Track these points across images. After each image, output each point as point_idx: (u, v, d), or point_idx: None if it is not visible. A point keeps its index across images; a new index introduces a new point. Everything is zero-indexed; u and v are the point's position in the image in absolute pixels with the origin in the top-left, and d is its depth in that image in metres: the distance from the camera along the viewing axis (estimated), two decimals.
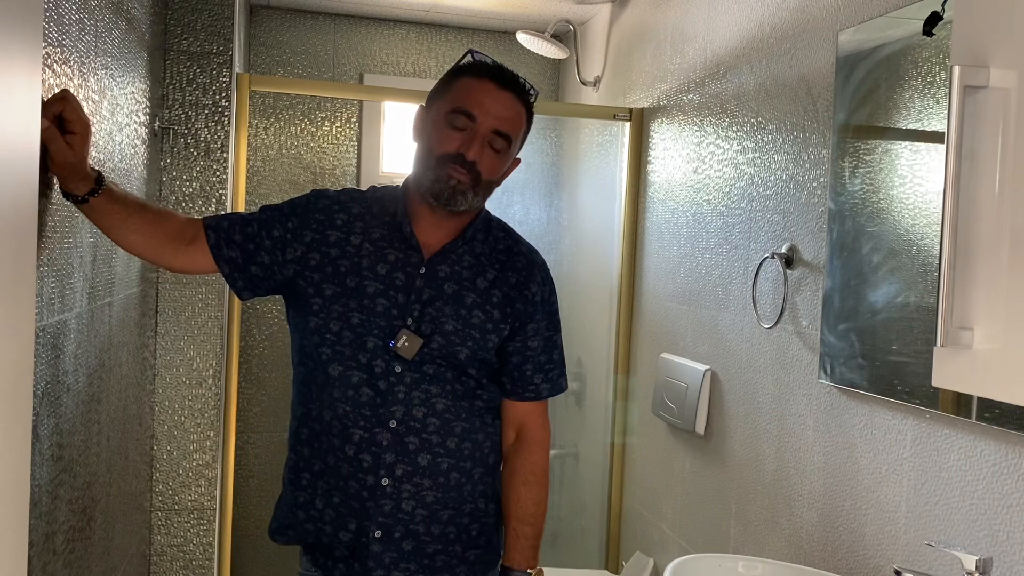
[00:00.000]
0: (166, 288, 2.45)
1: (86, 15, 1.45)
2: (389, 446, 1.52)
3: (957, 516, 1.46)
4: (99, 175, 1.37)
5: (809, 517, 1.86)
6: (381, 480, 1.52)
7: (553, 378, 1.66)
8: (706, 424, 2.31)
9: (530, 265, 1.63)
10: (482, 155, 1.50)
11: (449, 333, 1.54)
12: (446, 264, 1.56)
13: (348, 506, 1.54)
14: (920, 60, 1.55)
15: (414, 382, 1.53)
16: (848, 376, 1.72)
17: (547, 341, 1.64)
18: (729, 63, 2.27)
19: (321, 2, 3.36)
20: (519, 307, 1.59)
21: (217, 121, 2.47)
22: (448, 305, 1.54)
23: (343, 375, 1.53)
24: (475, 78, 1.53)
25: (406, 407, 1.52)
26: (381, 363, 1.52)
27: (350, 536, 1.55)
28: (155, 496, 2.48)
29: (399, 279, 1.54)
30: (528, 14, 3.37)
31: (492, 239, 1.62)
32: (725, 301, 2.25)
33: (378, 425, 1.52)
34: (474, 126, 1.50)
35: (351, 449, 1.53)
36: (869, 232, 1.67)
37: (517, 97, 1.54)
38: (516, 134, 1.55)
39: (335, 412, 1.53)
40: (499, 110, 1.51)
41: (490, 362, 1.59)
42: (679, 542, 2.46)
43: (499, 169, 1.55)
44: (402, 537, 1.54)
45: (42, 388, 1.25)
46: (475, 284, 1.57)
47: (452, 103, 1.51)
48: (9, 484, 0.77)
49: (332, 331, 1.52)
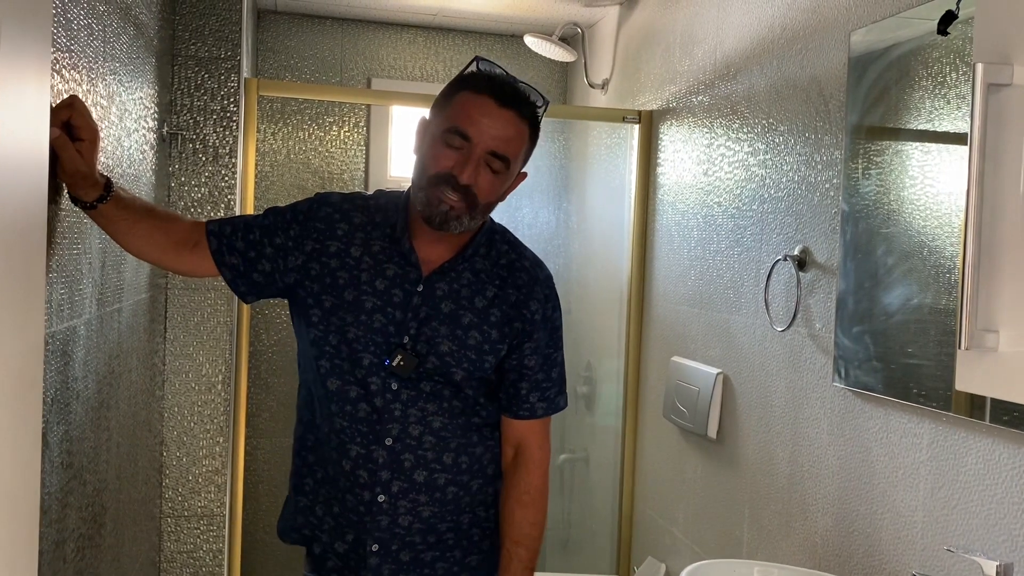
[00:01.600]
0: (175, 294, 2.45)
1: (94, 20, 1.44)
2: (385, 463, 1.50)
3: (975, 521, 1.44)
4: (108, 181, 1.36)
5: (824, 522, 1.84)
6: (377, 496, 1.50)
7: (550, 397, 1.61)
8: (718, 428, 2.29)
9: (531, 282, 1.57)
10: (477, 178, 1.42)
11: (444, 354, 1.50)
12: (444, 282, 1.52)
13: (346, 518, 1.53)
14: (932, 60, 1.53)
15: (410, 400, 1.50)
16: (863, 379, 1.70)
17: (546, 359, 1.59)
18: (739, 64, 2.26)
19: (329, 6, 3.35)
20: (517, 326, 1.55)
21: (225, 126, 2.47)
22: (444, 325, 1.50)
23: (341, 389, 1.51)
24: (474, 93, 1.44)
25: (402, 425, 1.50)
26: (377, 380, 1.50)
27: (346, 547, 1.54)
28: (165, 502, 2.47)
29: (397, 296, 1.50)
30: (536, 17, 3.37)
31: (495, 253, 1.57)
32: (737, 304, 2.24)
33: (374, 442, 1.50)
34: (469, 147, 1.42)
35: (348, 464, 1.52)
36: (883, 234, 1.65)
37: (518, 114, 1.45)
38: (515, 154, 1.46)
39: (333, 426, 1.52)
40: (496, 130, 1.42)
41: (488, 380, 1.56)
42: (692, 547, 2.45)
43: (498, 190, 1.48)
44: (399, 549, 1.53)
45: (52, 395, 1.24)
46: (473, 303, 1.53)
47: (449, 120, 1.43)
48: (19, 491, 0.76)
49: (331, 344, 1.51)
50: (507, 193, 1.54)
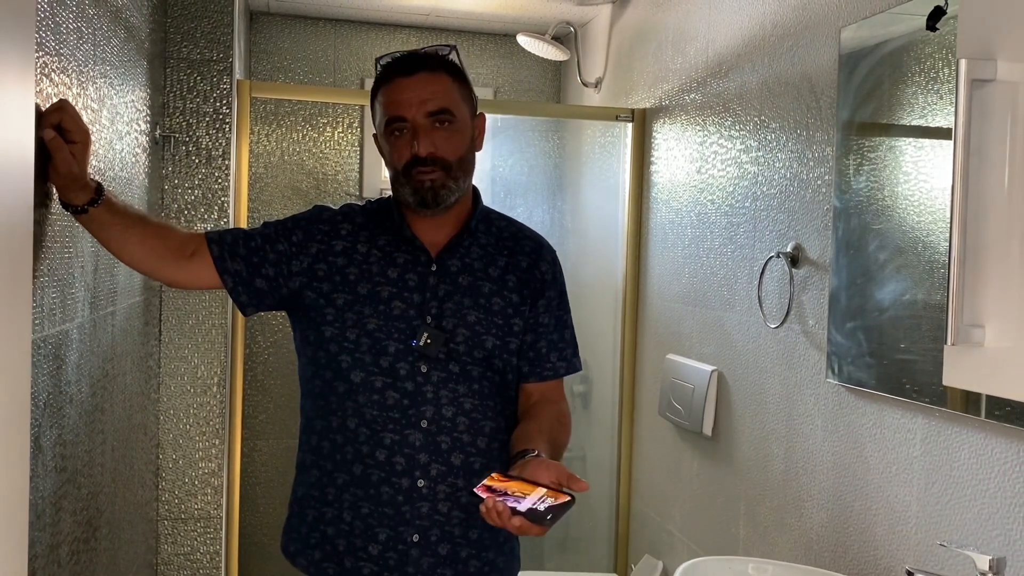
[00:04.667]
0: (170, 297, 2.44)
1: (84, 24, 1.44)
2: (422, 446, 1.50)
3: (969, 515, 1.44)
4: (98, 185, 1.35)
5: (819, 518, 1.84)
6: (416, 482, 1.50)
7: (567, 357, 1.65)
8: (713, 425, 2.30)
9: (538, 247, 1.65)
10: (433, 141, 1.48)
11: (473, 324, 1.53)
12: (456, 258, 1.56)
13: (380, 515, 1.51)
14: (923, 56, 1.53)
15: (441, 381, 1.52)
16: (856, 375, 1.70)
17: (559, 320, 1.64)
18: (731, 62, 2.26)
19: (321, 8, 3.35)
20: (535, 286, 1.61)
21: (218, 128, 2.47)
22: (467, 297, 1.54)
23: (366, 380, 1.51)
24: (386, 83, 1.52)
25: (435, 407, 1.51)
26: (405, 365, 1.51)
27: (380, 547, 1.52)
28: (161, 505, 2.47)
29: (412, 280, 1.54)
30: (528, 16, 3.37)
31: (495, 229, 1.64)
32: (731, 301, 2.24)
33: (408, 427, 1.50)
34: (408, 125, 1.48)
35: (382, 454, 1.51)
36: (875, 230, 1.65)
37: (428, 71, 1.50)
38: (452, 102, 1.51)
39: (362, 418, 1.51)
40: (418, 95, 1.48)
41: (517, 351, 1.58)
42: (688, 544, 2.45)
43: (460, 143, 1.52)
44: (438, 540, 1.52)
45: (44, 399, 1.24)
46: (488, 272, 1.58)
47: (383, 117, 1.52)
48: (8, 496, 0.76)
49: (349, 339, 1.51)
50: (478, 141, 1.59)
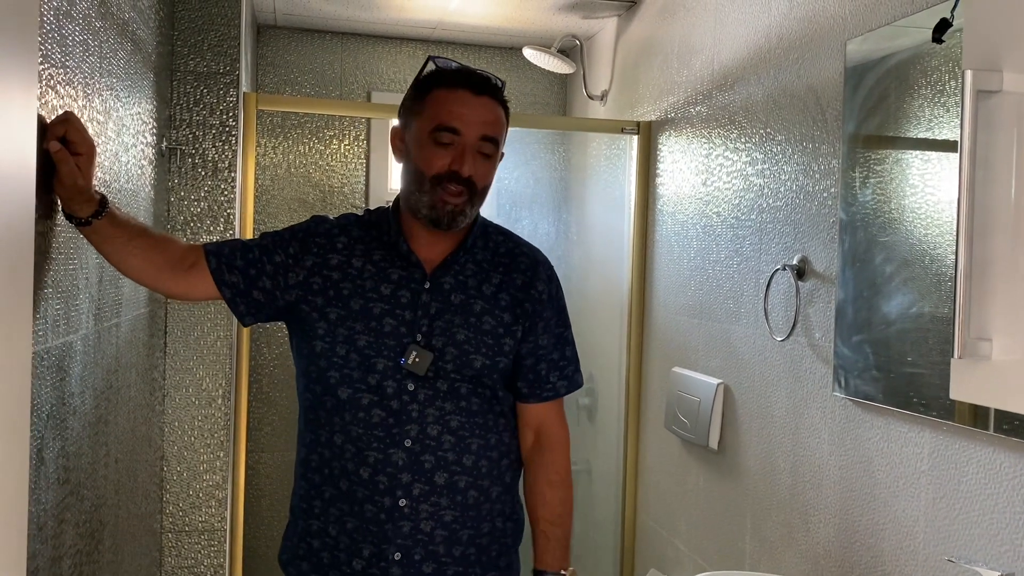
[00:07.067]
0: (175, 308, 2.45)
1: (90, 36, 1.45)
2: (405, 465, 1.50)
3: (977, 531, 1.43)
4: (102, 198, 1.36)
5: (826, 533, 1.83)
6: (398, 501, 1.50)
7: (568, 374, 1.64)
8: (719, 438, 2.28)
9: (534, 264, 1.62)
10: (475, 165, 1.49)
11: (462, 343, 1.52)
12: (450, 276, 1.56)
13: (364, 531, 1.51)
14: (929, 68, 1.53)
15: (427, 399, 1.51)
16: (863, 388, 1.69)
17: (558, 338, 1.63)
18: (736, 74, 2.26)
19: (328, 21, 3.36)
20: (528, 307, 1.59)
21: (225, 141, 2.47)
22: (457, 315, 1.53)
23: (352, 397, 1.51)
24: (449, 89, 1.50)
25: (420, 425, 1.50)
26: (392, 383, 1.50)
27: (364, 563, 1.52)
28: (166, 517, 2.46)
29: (404, 297, 1.53)
30: (534, 30, 3.37)
31: (492, 244, 1.62)
32: (737, 314, 2.23)
33: (392, 445, 1.50)
34: (461, 140, 1.48)
35: (366, 472, 1.51)
36: (881, 242, 1.64)
37: (493, 98, 1.53)
38: (501, 135, 1.54)
39: (348, 435, 1.52)
40: (480, 116, 1.49)
41: (507, 371, 1.58)
42: (694, 559, 2.43)
43: (492, 174, 1.55)
44: (422, 559, 1.52)
45: (47, 411, 1.24)
46: (481, 291, 1.56)
47: (433, 120, 1.49)
48: (7, 509, 0.75)
49: (339, 355, 1.51)
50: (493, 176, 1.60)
